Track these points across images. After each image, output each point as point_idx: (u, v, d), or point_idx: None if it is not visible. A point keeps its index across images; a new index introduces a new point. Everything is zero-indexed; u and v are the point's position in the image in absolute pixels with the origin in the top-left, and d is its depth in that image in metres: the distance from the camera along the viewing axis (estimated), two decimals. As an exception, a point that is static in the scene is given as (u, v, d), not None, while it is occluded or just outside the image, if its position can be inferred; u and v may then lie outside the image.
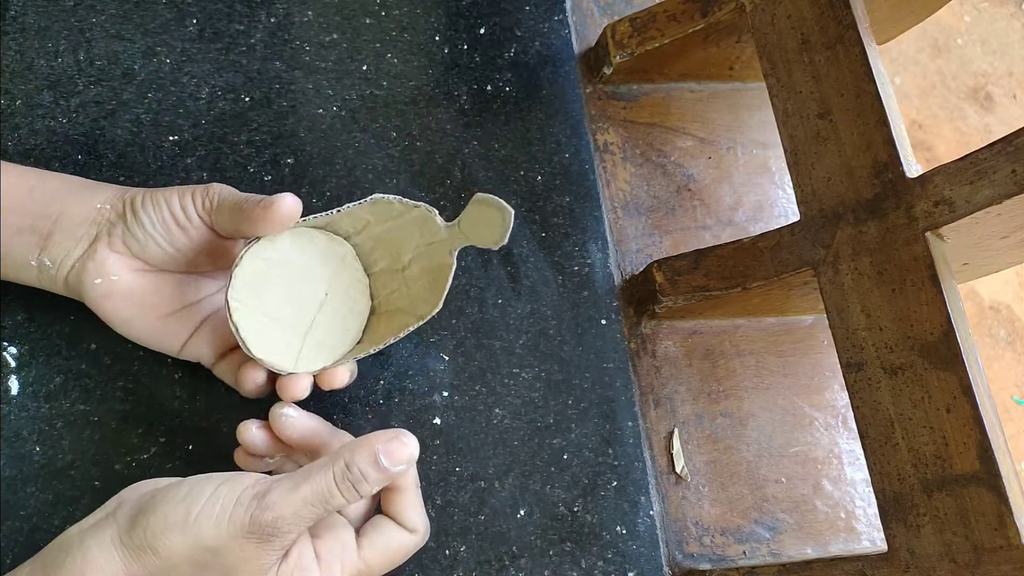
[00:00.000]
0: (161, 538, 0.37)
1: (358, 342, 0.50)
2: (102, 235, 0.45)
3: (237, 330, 0.46)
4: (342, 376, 0.48)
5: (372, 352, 0.48)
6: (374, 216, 0.49)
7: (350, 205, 0.48)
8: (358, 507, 0.46)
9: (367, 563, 0.41)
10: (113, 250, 0.45)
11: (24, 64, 0.53)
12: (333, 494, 0.39)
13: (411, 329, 0.48)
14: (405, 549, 0.43)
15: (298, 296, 0.49)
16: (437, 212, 0.48)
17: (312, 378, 0.48)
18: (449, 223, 0.48)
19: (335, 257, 0.50)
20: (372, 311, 0.52)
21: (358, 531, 0.44)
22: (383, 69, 0.62)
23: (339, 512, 0.44)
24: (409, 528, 0.44)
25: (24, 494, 0.46)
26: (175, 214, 0.45)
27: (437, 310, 0.48)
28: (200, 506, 0.38)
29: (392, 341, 0.48)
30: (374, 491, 0.40)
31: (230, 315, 0.46)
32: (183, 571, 0.37)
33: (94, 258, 0.45)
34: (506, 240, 0.46)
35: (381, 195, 0.48)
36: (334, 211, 0.48)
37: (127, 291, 0.46)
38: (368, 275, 0.52)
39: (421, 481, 0.52)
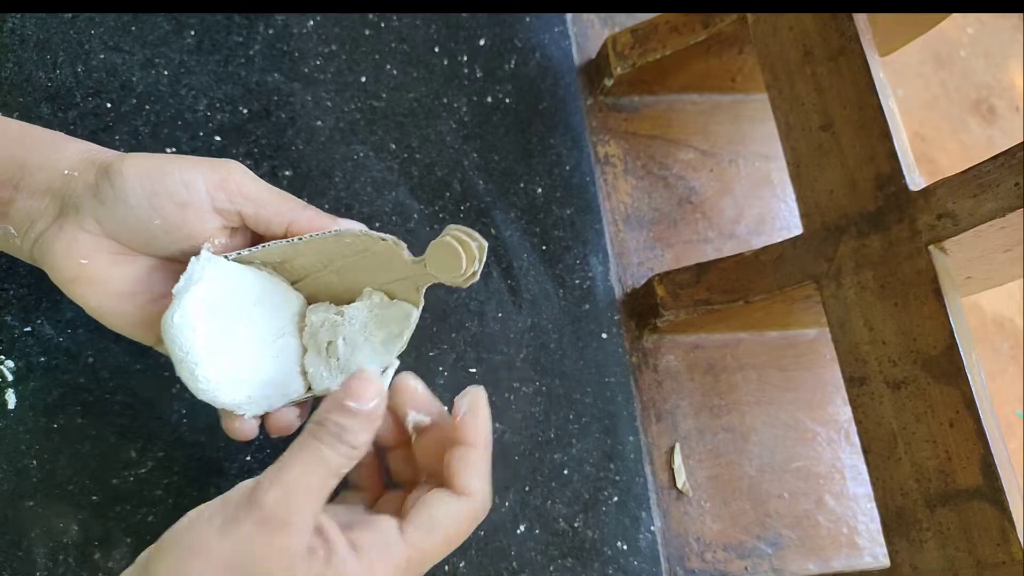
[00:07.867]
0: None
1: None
2: (68, 209, 0.39)
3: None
4: (290, 418, 0.43)
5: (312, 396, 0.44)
6: (338, 248, 0.44)
7: (313, 235, 0.43)
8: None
9: (416, 546, 0.36)
10: (83, 228, 0.39)
11: (23, 76, 0.53)
12: (324, 454, 0.34)
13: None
14: (459, 520, 0.37)
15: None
16: (405, 246, 0.42)
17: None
18: (416, 258, 0.42)
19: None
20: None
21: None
22: (382, 81, 0.62)
23: (390, 484, 0.42)
24: (460, 492, 0.37)
25: (22, 508, 0.46)
26: (172, 189, 0.39)
27: (394, 359, 0.43)
28: (201, 523, 0.34)
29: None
30: (364, 438, 0.36)
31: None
32: None
33: (60, 236, 0.38)
34: (477, 278, 0.40)
35: (346, 228, 0.43)
36: (295, 239, 0.42)
37: (98, 278, 0.39)
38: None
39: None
